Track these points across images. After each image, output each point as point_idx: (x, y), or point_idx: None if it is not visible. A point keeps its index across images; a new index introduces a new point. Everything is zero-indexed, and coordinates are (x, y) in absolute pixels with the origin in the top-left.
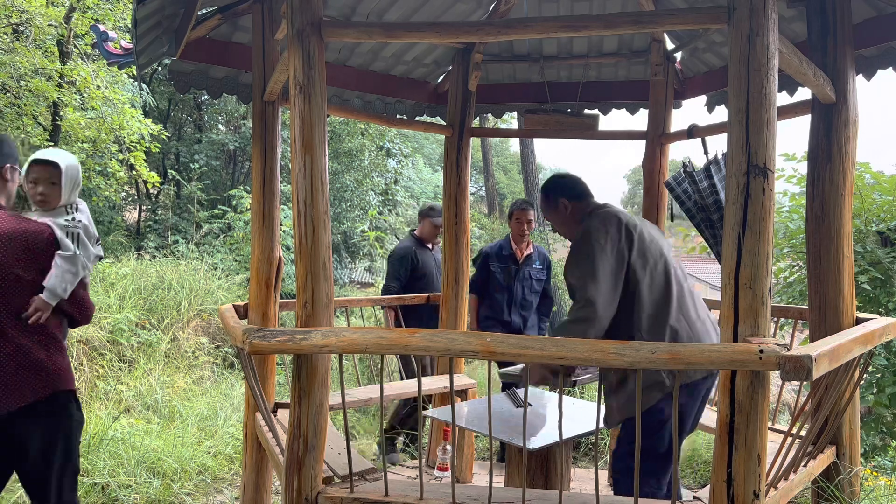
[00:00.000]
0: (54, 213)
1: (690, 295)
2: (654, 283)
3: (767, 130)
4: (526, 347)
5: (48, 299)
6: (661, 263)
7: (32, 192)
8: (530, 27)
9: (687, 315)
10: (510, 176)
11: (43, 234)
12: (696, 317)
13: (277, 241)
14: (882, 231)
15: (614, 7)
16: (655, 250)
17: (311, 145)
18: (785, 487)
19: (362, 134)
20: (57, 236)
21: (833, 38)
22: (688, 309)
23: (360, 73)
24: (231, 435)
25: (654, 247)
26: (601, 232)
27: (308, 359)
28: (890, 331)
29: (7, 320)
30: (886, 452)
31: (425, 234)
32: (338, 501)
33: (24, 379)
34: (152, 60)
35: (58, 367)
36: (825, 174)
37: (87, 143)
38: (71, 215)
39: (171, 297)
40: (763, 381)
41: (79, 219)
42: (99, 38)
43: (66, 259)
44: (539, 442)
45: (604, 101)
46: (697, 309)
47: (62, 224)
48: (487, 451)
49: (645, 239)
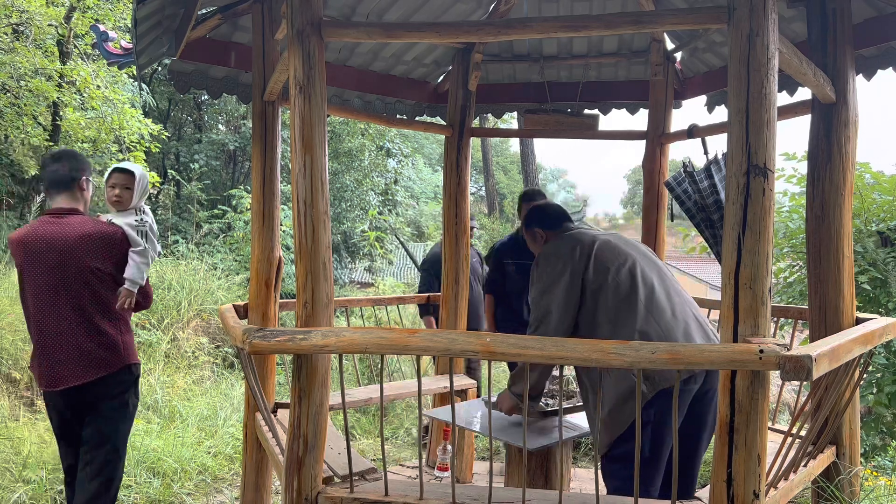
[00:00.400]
0: (125, 214)
1: (667, 295)
2: (616, 294)
3: (767, 130)
4: (526, 347)
5: (131, 287)
6: (623, 273)
7: (110, 194)
8: (530, 27)
9: (659, 317)
10: (510, 176)
11: (116, 234)
12: (671, 316)
13: (277, 241)
14: (882, 231)
15: (614, 7)
16: (616, 262)
17: (311, 145)
18: (785, 487)
19: (362, 134)
20: (128, 235)
21: (833, 38)
22: (660, 311)
23: (360, 73)
24: (231, 435)
25: (615, 258)
26: (555, 254)
27: (308, 359)
28: (890, 331)
29: (91, 306)
30: (886, 452)
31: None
32: (338, 501)
33: (102, 355)
34: (152, 60)
35: (127, 344)
36: (825, 174)
37: (87, 143)
38: (139, 216)
39: (171, 297)
40: (763, 381)
41: (146, 220)
42: (99, 38)
43: (139, 253)
44: (538, 442)
45: (604, 101)
46: (674, 308)
47: (132, 223)
48: (487, 450)
49: (604, 255)
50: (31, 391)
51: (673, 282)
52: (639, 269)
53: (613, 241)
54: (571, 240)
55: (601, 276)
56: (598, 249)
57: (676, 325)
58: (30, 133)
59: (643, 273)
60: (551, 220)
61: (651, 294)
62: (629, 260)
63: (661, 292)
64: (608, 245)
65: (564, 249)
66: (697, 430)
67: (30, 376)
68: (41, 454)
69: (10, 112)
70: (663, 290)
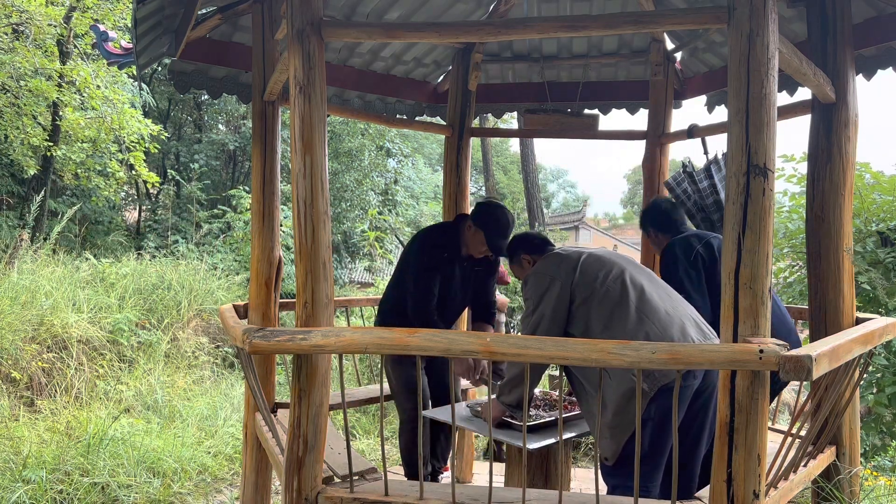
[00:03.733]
0: None
1: (658, 296)
2: (607, 299)
3: (767, 130)
4: (526, 347)
5: None
6: (611, 279)
7: None
8: (530, 27)
9: (653, 316)
10: (510, 176)
11: None
12: (665, 314)
13: (277, 241)
14: (882, 231)
15: (614, 7)
16: (604, 270)
17: (311, 145)
18: (785, 487)
19: (362, 134)
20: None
21: (833, 38)
22: (653, 310)
23: (360, 73)
24: (231, 435)
25: (602, 267)
26: (542, 272)
27: (308, 359)
28: (890, 331)
29: None
30: (886, 452)
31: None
32: (338, 501)
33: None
34: (152, 60)
35: None
36: (825, 174)
37: (86, 143)
38: None
39: (171, 297)
40: (763, 381)
41: None
42: (99, 37)
43: None
44: (538, 442)
45: (604, 101)
46: (667, 307)
47: None
48: (487, 450)
49: (590, 265)
50: (31, 391)
51: (664, 285)
52: (627, 274)
53: (598, 252)
54: (556, 257)
55: (589, 285)
56: (584, 262)
57: (671, 322)
58: (29, 133)
59: (632, 277)
60: (534, 244)
61: (641, 295)
62: (616, 267)
63: (653, 293)
64: (593, 256)
65: (551, 266)
66: (699, 427)
67: (30, 376)
68: (41, 454)
69: (9, 112)
70: (654, 291)
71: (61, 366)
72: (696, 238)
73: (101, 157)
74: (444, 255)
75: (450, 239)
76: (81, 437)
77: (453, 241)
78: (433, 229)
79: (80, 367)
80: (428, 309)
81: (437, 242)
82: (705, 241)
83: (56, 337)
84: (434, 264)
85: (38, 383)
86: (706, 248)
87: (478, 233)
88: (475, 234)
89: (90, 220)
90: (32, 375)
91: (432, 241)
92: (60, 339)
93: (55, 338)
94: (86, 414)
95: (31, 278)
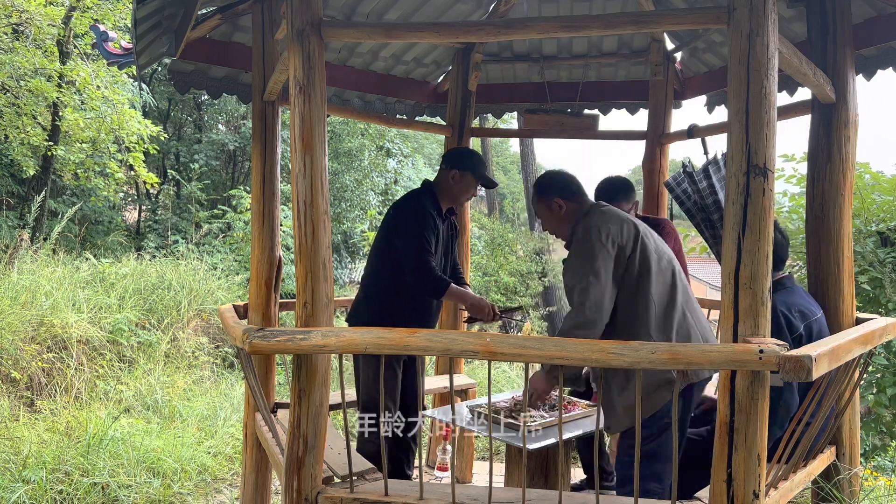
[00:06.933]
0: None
1: (692, 299)
2: (663, 283)
3: (767, 130)
4: (525, 347)
5: None
6: (664, 263)
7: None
8: (530, 27)
9: (695, 315)
10: (510, 176)
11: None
12: (700, 318)
13: (277, 241)
14: (882, 231)
15: (614, 7)
16: (662, 250)
17: (311, 145)
18: (785, 487)
19: (362, 134)
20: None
21: (833, 38)
22: (693, 310)
23: (360, 73)
24: (231, 435)
25: (661, 246)
26: (603, 229)
27: (308, 359)
28: (890, 331)
29: None
30: (886, 452)
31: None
32: (338, 501)
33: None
34: (152, 60)
35: None
36: (825, 174)
37: (86, 143)
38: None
39: (170, 297)
40: (763, 381)
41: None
42: (99, 38)
43: None
44: (538, 442)
45: (604, 101)
46: (696, 312)
47: None
48: (487, 450)
49: (650, 238)
50: (31, 391)
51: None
52: (677, 266)
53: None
54: (618, 217)
55: (647, 260)
56: (644, 234)
57: (701, 328)
58: (29, 133)
59: (680, 273)
60: (571, 189)
61: (686, 294)
62: (667, 254)
63: (691, 295)
64: (650, 233)
65: (613, 224)
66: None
67: (30, 376)
68: (41, 454)
69: (9, 112)
70: (690, 292)
71: (61, 366)
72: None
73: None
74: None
75: (431, 201)
76: (81, 438)
77: (434, 202)
78: (412, 197)
79: (79, 368)
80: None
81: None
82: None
83: (56, 337)
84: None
85: (37, 383)
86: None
87: (465, 175)
88: (462, 177)
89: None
90: (32, 375)
91: (421, 205)
92: (60, 340)
93: (55, 338)
94: (86, 414)
95: (31, 278)
